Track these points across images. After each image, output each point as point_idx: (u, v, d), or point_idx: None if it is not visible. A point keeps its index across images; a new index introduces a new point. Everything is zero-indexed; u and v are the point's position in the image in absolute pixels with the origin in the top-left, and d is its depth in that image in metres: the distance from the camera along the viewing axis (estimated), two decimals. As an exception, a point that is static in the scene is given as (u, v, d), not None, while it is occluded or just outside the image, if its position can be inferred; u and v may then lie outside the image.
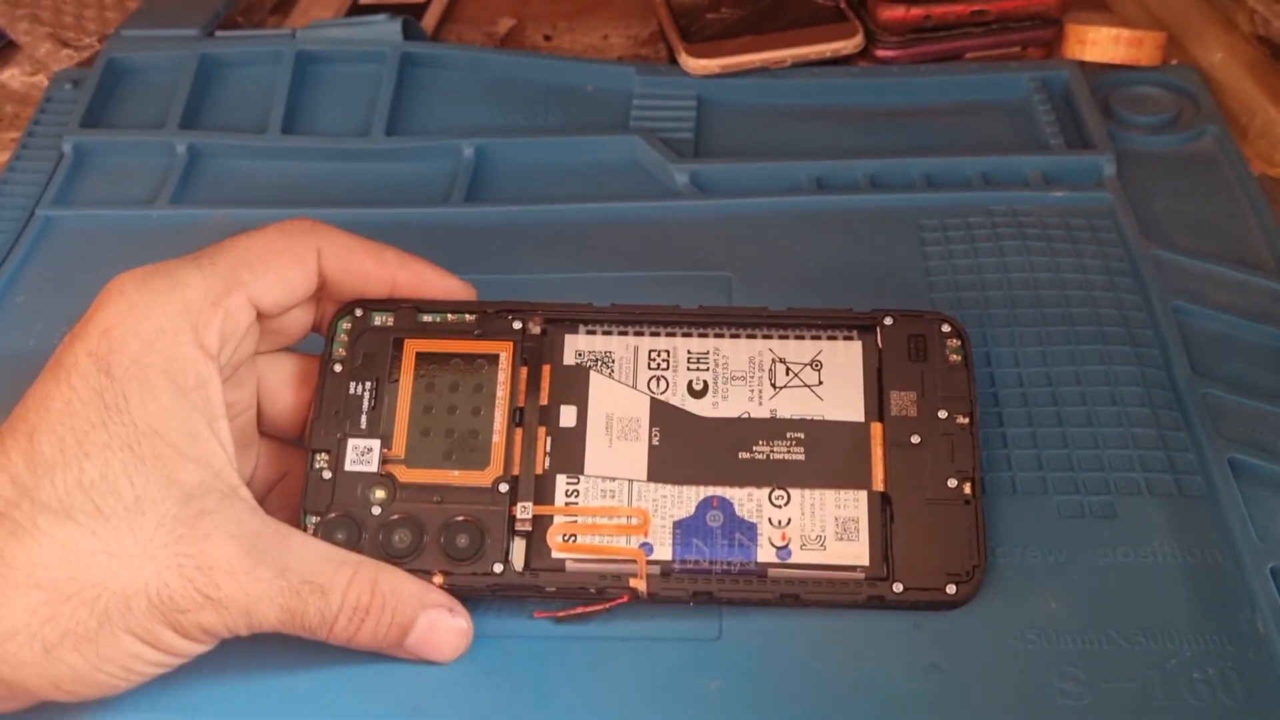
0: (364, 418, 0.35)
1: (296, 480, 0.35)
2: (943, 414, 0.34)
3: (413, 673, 0.33)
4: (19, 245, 0.47)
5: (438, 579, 0.33)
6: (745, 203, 0.46)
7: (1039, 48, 0.53)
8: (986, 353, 0.40)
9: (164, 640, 0.29)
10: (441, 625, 0.32)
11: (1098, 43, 0.52)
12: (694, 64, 0.51)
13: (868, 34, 0.51)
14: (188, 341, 0.31)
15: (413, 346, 0.35)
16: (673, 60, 0.52)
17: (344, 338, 0.35)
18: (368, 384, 0.35)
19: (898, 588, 0.33)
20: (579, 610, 0.33)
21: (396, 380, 0.35)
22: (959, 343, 0.35)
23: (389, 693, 0.32)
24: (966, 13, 0.51)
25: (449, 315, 0.36)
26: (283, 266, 0.33)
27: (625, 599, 0.33)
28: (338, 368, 0.35)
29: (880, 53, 0.52)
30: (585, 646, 0.33)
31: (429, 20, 0.58)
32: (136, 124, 0.52)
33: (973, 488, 0.34)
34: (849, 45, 0.51)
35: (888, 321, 0.36)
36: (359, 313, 0.36)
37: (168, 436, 0.30)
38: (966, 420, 0.34)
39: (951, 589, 0.33)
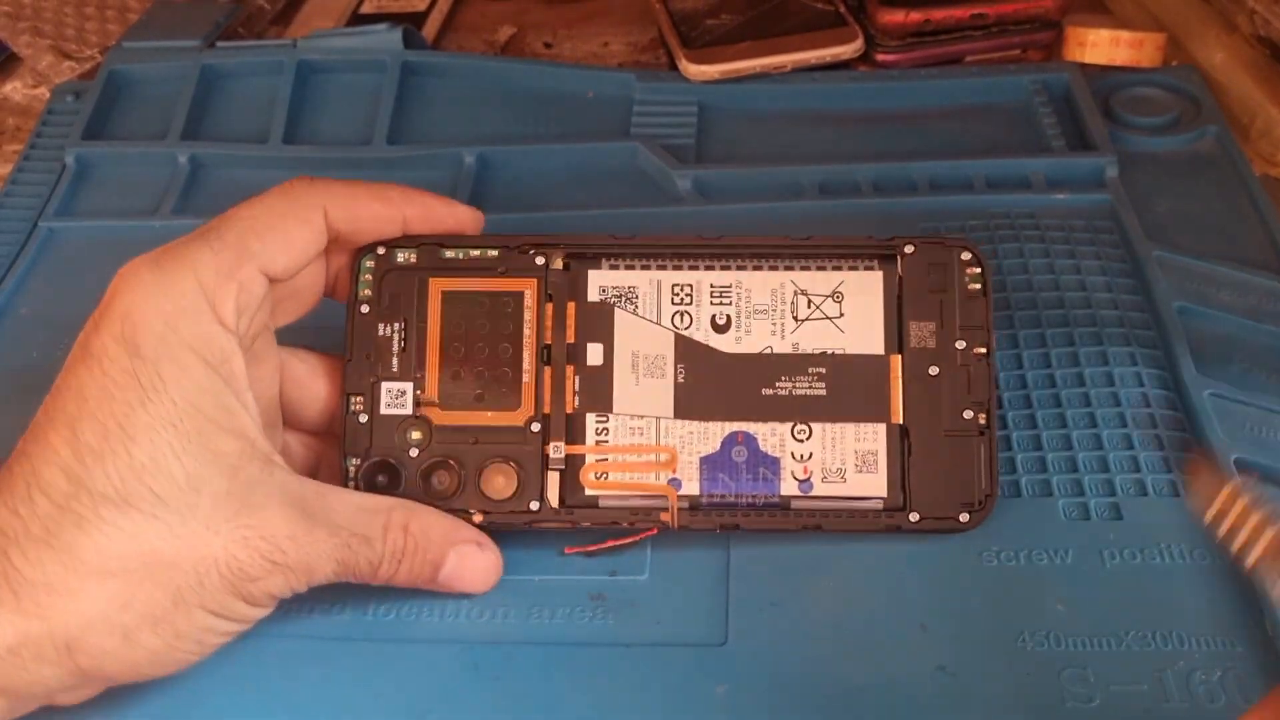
0: (395, 360, 0.35)
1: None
2: (961, 344, 0.35)
3: (418, 678, 0.33)
4: (22, 257, 0.47)
5: (478, 518, 0.34)
6: (748, 208, 0.46)
7: (1039, 50, 0.53)
8: (990, 355, 0.40)
9: (235, 610, 0.30)
10: (470, 559, 0.34)
11: (1098, 45, 0.52)
12: (694, 70, 0.51)
13: (868, 38, 0.51)
14: (208, 318, 0.31)
15: (438, 285, 0.36)
16: (673, 66, 0.52)
17: (368, 277, 0.36)
18: (396, 325, 0.35)
19: (914, 517, 0.34)
20: (609, 544, 0.35)
21: (425, 321, 0.35)
22: (978, 270, 0.35)
23: (394, 699, 0.32)
24: (966, 16, 0.51)
25: (472, 251, 0.36)
26: (289, 230, 0.33)
27: (654, 531, 0.34)
28: (365, 309, 0.35)
29: (880, 57, 0.52)
30: (591, 652, 0.33)
31: (429, 29, 0.58)
32: (138, 135, 0.52)
33: (988, 418, 0.34)
34: (849, 50, 0.51)
35: (908, 250, 0.36)
36: (381, 250, 0.36)
37: (206, 411, 0.30)
38: (984, 350, 0.35)
39: (965, 517, 0.34)
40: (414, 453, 0.35)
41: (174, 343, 0.30)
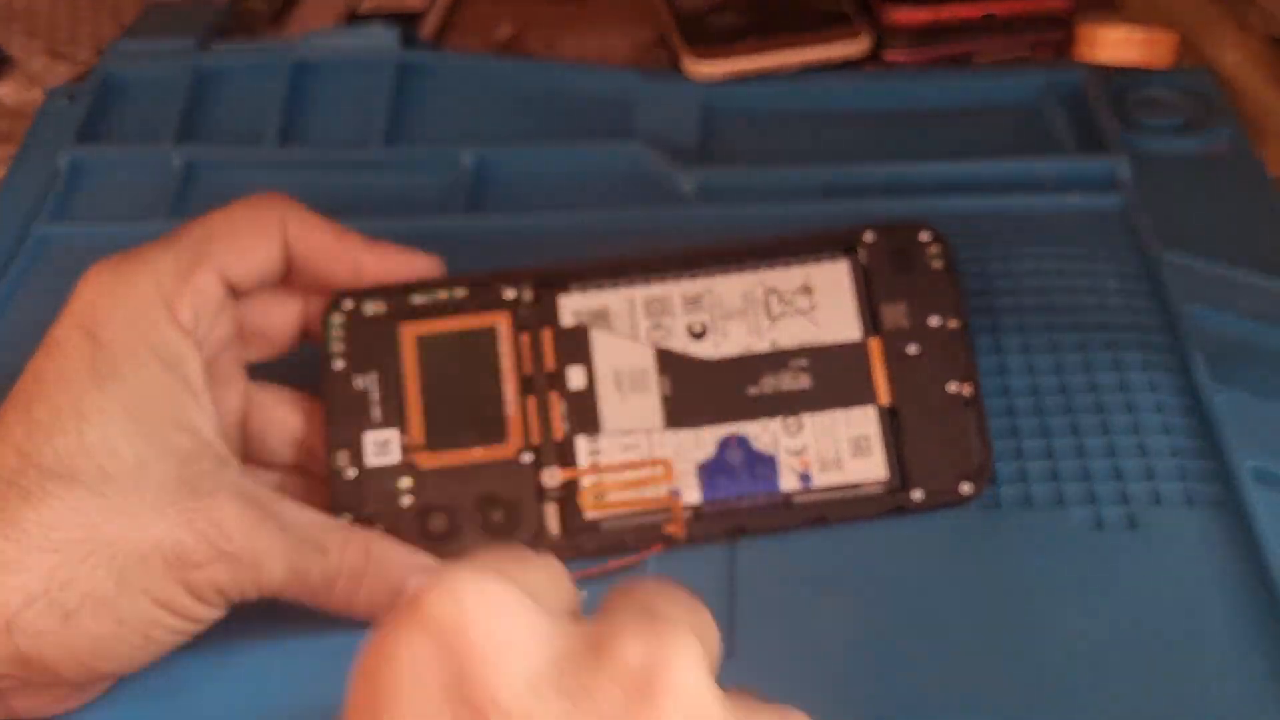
0: (377, 409, 0.35)
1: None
2: (934, 321, 0.36)
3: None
4: (14, 263, 0.47)
5: None
6: (752, 209, 0.46)
7: (1049, 50, 0.52)
8: (1000, 361, 0.39)
9: (180, 603, 0.30)
10: None
11: (1109, 44, 0.51)
12: (698, 70, 0.50)
13: (876, 37, 0.51)
14: (164, 320, 0.32)
15: (410, 331, 0.36)
16: (676, 66, 0.52)
17: (338, 332, 0.36)
18: (373, 375, 0.35)
19: (917, 495, 0.34)
20: (612, 565, 0.34)
21: (401, 368, 0.35)
22: (940, 248, 0.36)
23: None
24: (976, 15, 0.51)
25: (440, 293, 0.36)
26: (246, 238, 0.34)
27: (658, 548, 0.34)
28: (339, 364, 0.35)
29: (889, 56, 0.51)
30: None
31: (428, 28, 0.58)
32: (133, 138, 0.52)
33: (973, 389, 0.35)
34: (856, 49, 0.51)
35: (868, 237, 0.36)
36: (348, 305, 0.36)
37: (159, 403, 0.31)
38: (958, 324, 0.35)
39: (966, 488, 0.34)
40: (406, 501, 0.34)
41: (133, 338, 0.31)
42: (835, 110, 0.50)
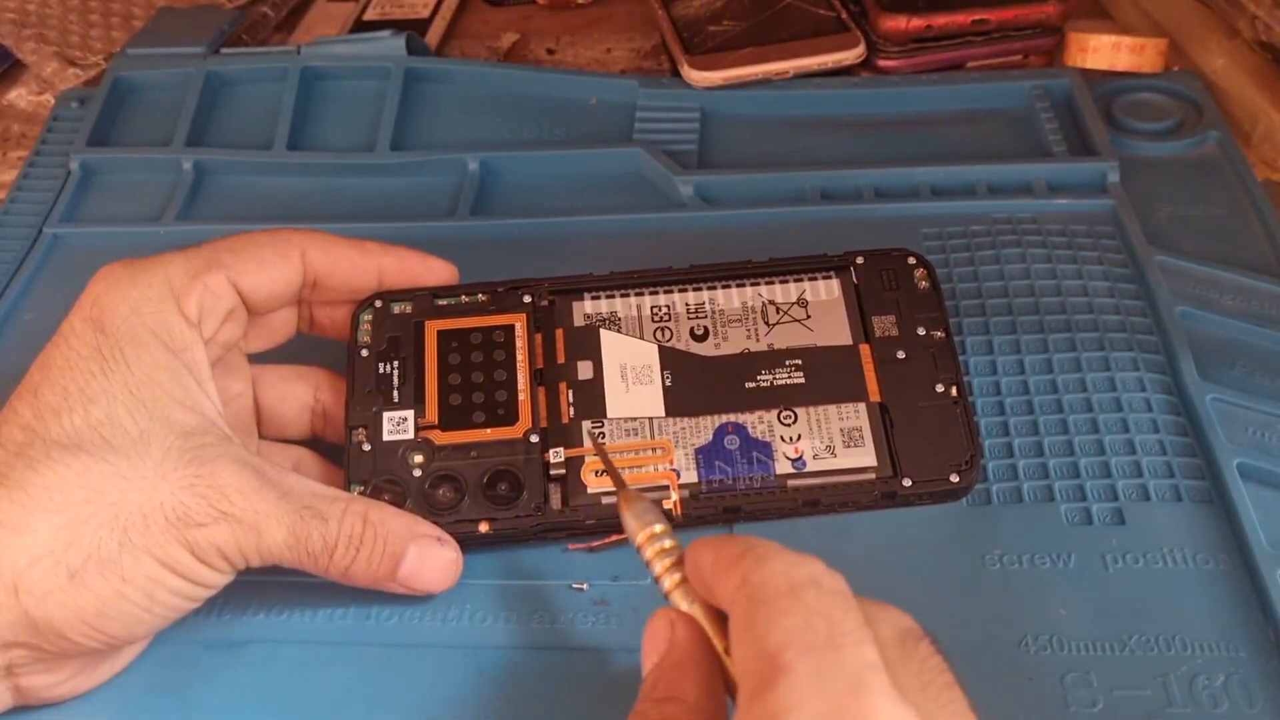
0: (396, 392, 0.37)
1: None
2: (921, 331, 0.37)
3: (421, 682, 0.33)
4: (27, 263, 0.47)
5: (484, 526, 0.35)
6: (749, 213, 0.46)
7: (1040, 56, 0.53)
8: (992, 361, 0.40)
9: (182, 564, 0.30)
10: (431, 555, 0.33)
11: (1099, 50, 0.52)
12: (696, 76, 0.51)
13: (869, 44, 0.52)
14: (171, 310, 0.33)
15: (433, 326, 0.38)
16: (675, 73, 0.53)
17: (367, 327, 0.38)
18: (395, 363, 0.37)
19: (907, 483, 0.35)
20: (612, 539, 0.35)
21: (422, 356, 0.37)
22: (925, 271, 0.38)
23: (397, 702, 0.32)
24: (967, 22, 0.51)
25: (463, 297, 0.38)
26: (264, 255, 0.35)
27: None
28: (364, 353, 0.37)
29: (882, 63, 0.52)
30: (594, 657, 0.33)
31: (433, 36, 0.59)
32: (143, 142, 0.52)
33: (959, 390, 0.36)
34: (851, 56, 0.51)
35: (860, 261, 0.39)
36: (378, 304, 0.38)
37: (163, 384, 0.32)
38: (943, 334, 0.37)
39: (955, 478, 0.35)
40: (417, 473, 0.35)
41: (137, 324, 0.32)
42: (830, 116, 0.51)
